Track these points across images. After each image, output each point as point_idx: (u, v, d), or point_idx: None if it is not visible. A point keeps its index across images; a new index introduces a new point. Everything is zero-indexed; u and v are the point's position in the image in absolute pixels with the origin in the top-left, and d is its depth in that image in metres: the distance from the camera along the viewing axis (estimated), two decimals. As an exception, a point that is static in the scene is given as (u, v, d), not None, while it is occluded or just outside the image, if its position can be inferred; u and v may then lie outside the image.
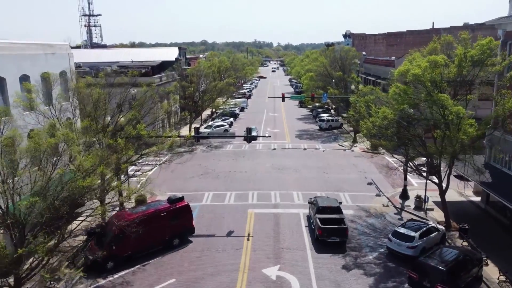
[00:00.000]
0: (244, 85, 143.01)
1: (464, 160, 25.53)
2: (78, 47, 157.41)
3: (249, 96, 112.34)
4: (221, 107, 74.25)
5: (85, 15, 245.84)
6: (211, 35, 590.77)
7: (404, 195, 35.99)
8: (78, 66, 65.05)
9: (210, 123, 69.67)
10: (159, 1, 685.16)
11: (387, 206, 34.69)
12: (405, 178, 35.88)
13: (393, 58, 73.59)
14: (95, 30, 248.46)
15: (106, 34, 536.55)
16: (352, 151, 53.46)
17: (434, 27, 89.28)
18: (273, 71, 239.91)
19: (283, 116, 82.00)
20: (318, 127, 68.39)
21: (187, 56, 73.91)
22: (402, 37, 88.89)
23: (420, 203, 33.74)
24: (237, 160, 49.15)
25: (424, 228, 26.40)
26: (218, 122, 68.27)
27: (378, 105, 29.50)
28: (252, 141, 56.69)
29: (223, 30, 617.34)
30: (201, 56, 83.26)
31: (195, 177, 43.01)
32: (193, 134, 55.61)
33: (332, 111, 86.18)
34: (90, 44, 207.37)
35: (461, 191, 36.38)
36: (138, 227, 24.54)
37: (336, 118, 69.99)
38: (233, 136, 43.53)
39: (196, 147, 56.06)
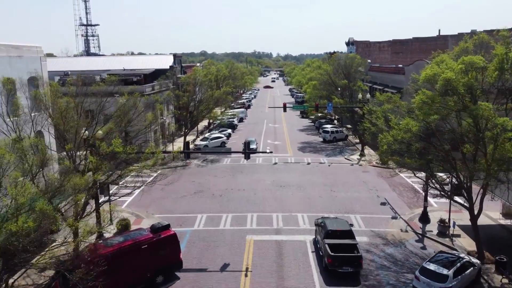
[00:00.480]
0: (243, 95, 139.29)
1: (507, 182, 21.14)
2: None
3: (248, 106, 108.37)
4: (219, 117, 70.14)
5: (82, 25, 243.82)
6: (211, 46, 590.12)
7: (425, 218, 31.54)
8: (65, 74, 61.12)
9: (206, 135, 65.46)
10: (158, 12, 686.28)
11: (406, 231, 30.22)
12: (425, 199, 31.45)
13: (400, 65, 69.85)
14: (93, 40, 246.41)
15: (104, 45, 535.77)
16: (360, 165, 49.11)
17: (440, 34, 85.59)
18: (272, 81, 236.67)
19: (284, 127, 77.81)
20: (321, 139, 64.14)
21: (183, 65, 70.08)
22: (408, 45, 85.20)
23: (445, 228, 29.31)
24: (234, 176, 44.75)
25: (458, 264, 21.94)
26: (215, 133, 64.02)
27: (398, 116, 25.31)
28: (252, 155, 52.42)
29: (223, 41, 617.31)
30: (198, 64, 79.43)
31: (187, 196, 38.57)
32: (182, 148, 51.62)
33: (335, 121, 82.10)
34: (87, 54, 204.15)
35: (487, 213, 31.96)
36: (112, 263, 20.16)
37: (340, 129, 65.79)
38: (229, 151, 38.87)
39: (190, 161, 51.71)
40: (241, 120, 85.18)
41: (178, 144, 60.48)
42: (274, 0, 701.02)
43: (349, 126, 76.70)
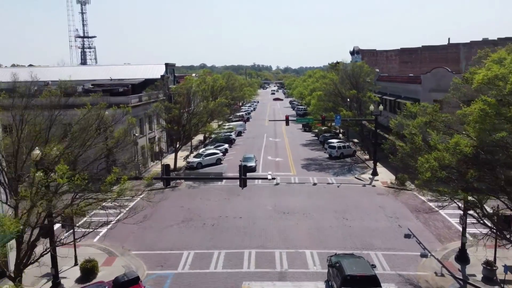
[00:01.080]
0: (242, 107, 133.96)
1: None
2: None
3: (247, 119, 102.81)
4: (215, 132, 64.50)
5: (79, 36, 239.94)
6: (210, 59, 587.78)
7: (463, 257, 25.58)
8: (46, 84, 55.77)
9: (201, 151, 59.70)
10: (157, 25, 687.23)
11: (442, 275, 24.24)
12: (464, 233, 25.52)
13: (410, 74, 64.63)
14: (90, 52, 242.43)
15: (101, 57, 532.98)
16: (374, 186, 43.23)
17: (450, 42, 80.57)
18: (272, 93, 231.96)
19: (285, 141, 72.07)
20: (327, 155, 58.34)
21: (177, 74, 64.76)
22: (417, 54, 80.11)
23: (492, 272, 23.36)
24: (230, 200, 38.85)
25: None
26: (211, 149, 58.28)
27: (440, 133, 19.64)
28: (250, 173, 46.84)
29: (222, 54, 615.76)
30: (193, 74, 74.10)
31: (173, 225, 32.61)
32: (173, 166, 45.58)
33: (340, 135, 76.46)
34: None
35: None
36: None
37: (347, 144, 60.03)
38: (219, 177, 32.36)
39: (181, 181, 45.82)
40: (239, 134, 79.53)
41: (169, 161, 54.77)
42: (273, 14, 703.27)
43: (355, 140, 71.11)
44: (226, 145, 63.23)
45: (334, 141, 60.92)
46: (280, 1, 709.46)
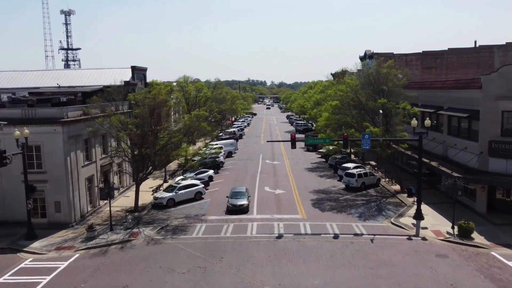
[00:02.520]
0: (235, 122, 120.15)
1: None
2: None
3: (240, 136, 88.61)
4: (199, 154, 50.15)
5: (63, 48, 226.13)
6: (204, 74, 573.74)
7: None
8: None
9: (178, 179, 45.39)
10: (147, 39, 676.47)
11: None
12: None
13: (451, 77, 50.85)
14: (74, 65, 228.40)
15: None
16: (424, 239, 28.92)
17: (477, 45, 67.61)
18: (268, 108, 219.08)
19: (286, 165, 57.79)
20: (343, 185, 44.21)
21: (148, 81, 50.84)
22: (443, 58, 66.91)
23: None
24: (207, 273, 24.24)
25: None
26: (188, 179, 44.02)
27: None
28: (240, 215, 33.74)
29: (216, 69, 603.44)
30: (174, 83, 59.87)
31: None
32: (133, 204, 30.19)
33: (352, 156, 62.34)
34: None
35: None
36: None
37: (369, 171, 45.91)
38: None
39: (139, 230, 31.35)
40: (229, 154, 65.28)
41: (125, 202, 40.35)
42: (267, 31, 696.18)
43: (372, 163, 57.09)
44: (211, 172, 48.91)
45: (350, 166, 46.84)
46: (275, 17, 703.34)
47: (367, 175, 44.00)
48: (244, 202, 35.63)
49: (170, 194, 38.51)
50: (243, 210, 35.28)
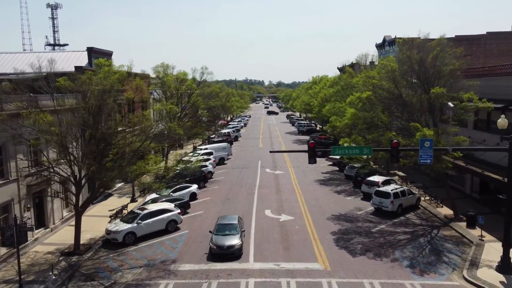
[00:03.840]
0: (230, 122, 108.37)
1: None
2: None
3: (235, 138, 76.69)
4: (184, 161, 38.30)
5: (49, 44, 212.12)
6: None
7: None
8: None
9: (147, 200, 33.63)
10: (142, 37, 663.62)
11: None
12: None
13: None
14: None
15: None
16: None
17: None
18: (266, 107, 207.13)
19: (292, 176, 45.88)
20: (371, 206, 32.50)
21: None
22: (480, 43, 55.34)
23: None
24: None
25: None
26: (164, 198, 32.30)
27: None
28: (229, 263, 21.15)
29: (214, 69, 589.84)
30: (152, 74, 47.55)
31: None
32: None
33: (371, 162, 50.28)
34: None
35: None
36: None
37: (407, 188, 34.12)
38: None
39: (102, 258, 19.44)
40: (221, 161, 53.50)
41: (68, 234, 28.61)
42: (265, 34, 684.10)
43: (400, 173, 45.30)
44: (194, 187, 37.08)
45: (378, 180, 35.34)
46: (273, 18, 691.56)
47: (404, 194, 32.19)
48: (235, 241, 23.70)
49: (129, 225, 26.58)
50: (234, 254, 23.39)
